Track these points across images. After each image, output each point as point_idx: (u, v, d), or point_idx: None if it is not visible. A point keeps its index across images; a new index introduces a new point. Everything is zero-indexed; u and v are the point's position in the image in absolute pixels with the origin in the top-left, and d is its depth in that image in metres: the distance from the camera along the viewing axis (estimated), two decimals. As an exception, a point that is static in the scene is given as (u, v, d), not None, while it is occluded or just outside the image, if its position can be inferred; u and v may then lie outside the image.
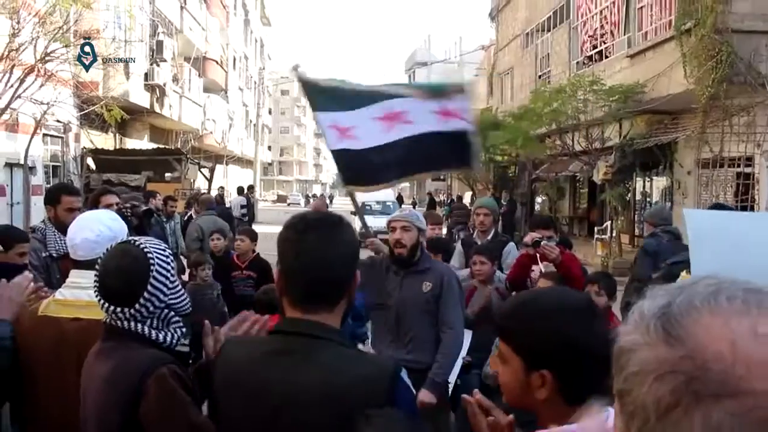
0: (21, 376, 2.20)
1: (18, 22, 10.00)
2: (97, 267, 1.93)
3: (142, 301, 1.84)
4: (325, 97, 4.02)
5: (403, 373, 1.56)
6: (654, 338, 0.70)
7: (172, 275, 1.94)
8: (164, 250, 1.96)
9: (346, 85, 4.09)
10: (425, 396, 3.56)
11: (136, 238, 2.05)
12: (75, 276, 2.29)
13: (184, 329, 1.99)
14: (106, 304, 1.86)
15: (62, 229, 4.02)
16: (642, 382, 0.69)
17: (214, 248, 6.56)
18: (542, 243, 4.49)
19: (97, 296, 1.89)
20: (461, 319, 3.96)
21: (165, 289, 1.89)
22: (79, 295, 2.21)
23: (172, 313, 1.94)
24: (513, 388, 1.43)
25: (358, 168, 4.07)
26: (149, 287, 1.85)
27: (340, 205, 36.54)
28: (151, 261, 1.88)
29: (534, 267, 4.63)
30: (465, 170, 4.31)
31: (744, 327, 0.67)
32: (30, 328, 2.22)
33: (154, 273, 1.87)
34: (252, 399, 1.52)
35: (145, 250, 1.90)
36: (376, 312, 4.05)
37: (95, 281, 1.90)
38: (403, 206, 5.00)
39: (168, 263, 1.93)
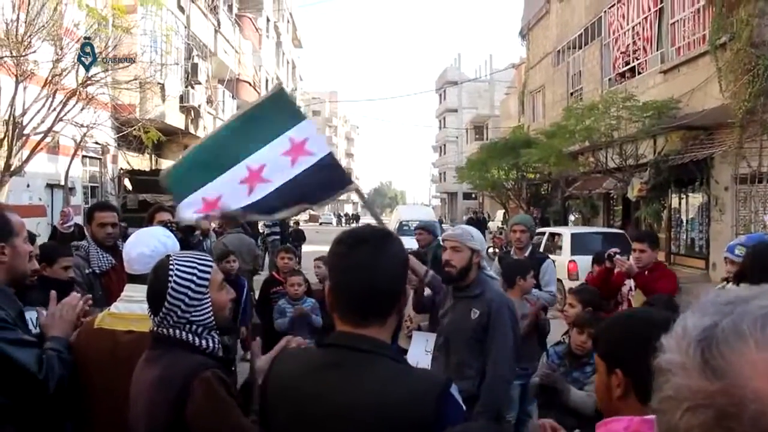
0: (78, 388, 2.28)
1: (61, 49, 10.31)
2: None
3: (164, 310, 1.94)
4: (189, 176, 3.39)
5: (454, 389, 1.54)
6: (692, 364, 0.67)
7: (195, 291, 1.96)
8: (192, 267, 1.99)
9: (205, 152, 3.51)
10: None
11: (175, 252, 2.13)
12: (129, 290, 2.39)
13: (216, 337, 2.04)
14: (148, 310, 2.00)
15: (101, 245, 4.14)
16: (675, 408, 0.68)
17: (230, 270, 6.39)
18: (615, 257, 4.73)
19: None
20: (508, 351, 3.63)
21: (182, 305, 1.94)
22: (132, 308, 2.30)
23: (196, 326, 1.97)
24: (600, 389, 1.62)
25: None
26: (166, 302, 1.94)
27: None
28: (170, 276, 1.95)
29: (626, 281, 4.81)
30: (343, 192, 3.65)
31: None
32: (86, 340, 2.32)
33: (170, 289, 1.94)
34: (301, 411, 1.54)
35: (169, 265, 1.98)
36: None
37: None
38: (458, 224, 4.80)
39: (190, 280, 1.96)
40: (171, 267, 1.98)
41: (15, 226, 2.39)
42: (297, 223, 20.31)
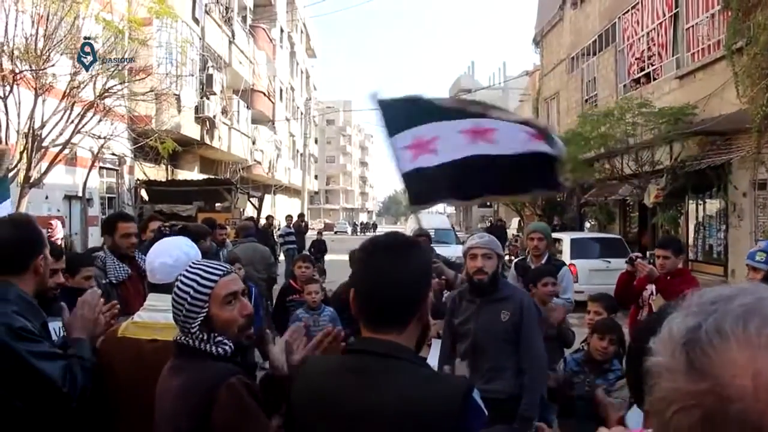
0: (102, 396, 2.30)
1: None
2: None
3: (174, 317, 1.98)
4: (405, 115, 3.72)
5: (475, 394, 1.55)
6: (678, 367, 0.68)
7: (190, 304, 1.95)
8: (195, 275, 1.98)
9: (433, 101, 3.79)
10: None
11: (198, 261, 2.14)
12: (152, 299, 2.40)
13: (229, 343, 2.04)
14: None
15: (120, 256, 4.18)
16: (665, 410, 0.69)
17: None
18: (636, 261, 4.82)
19: None
20: (543, 347, 3.81)
21: (181, 315, 1.96)
22: (155, 317, 2.32)
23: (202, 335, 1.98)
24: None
25: (429, 186, 3.73)
26: (173, 309, 1.97)
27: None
28: (176, 283, 1.98)
29: (648, 286, 4.84)
30: (549, 193, 3.88)
31: None
32: (110, 349, 2.34)
33: (174, 295, 1.97)
34: (327, 415, 1.56)
35: (181, 273, 2.01)
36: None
37: None
38: (480, 233, 4.83)
39: (186, 292, 1.95)
40: (180, 274, 2.00)
41: (44, 238, 2.43)
42: (320, 233, 20.27)
